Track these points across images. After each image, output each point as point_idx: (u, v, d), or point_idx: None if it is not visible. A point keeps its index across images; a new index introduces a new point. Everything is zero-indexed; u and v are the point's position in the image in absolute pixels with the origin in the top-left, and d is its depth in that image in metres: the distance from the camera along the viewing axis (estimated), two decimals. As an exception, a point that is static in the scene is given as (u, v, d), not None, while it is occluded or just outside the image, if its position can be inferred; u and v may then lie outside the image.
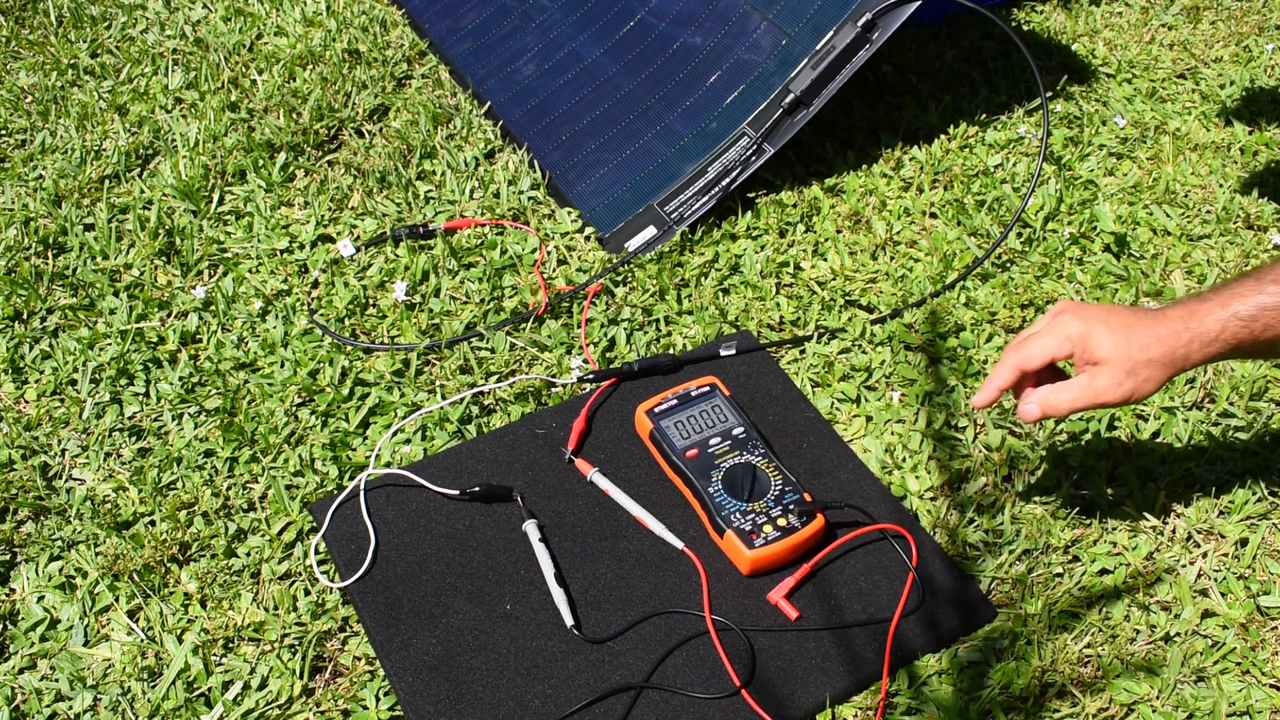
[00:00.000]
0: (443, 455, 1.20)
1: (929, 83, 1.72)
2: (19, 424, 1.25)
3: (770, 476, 1.12)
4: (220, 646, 1.05)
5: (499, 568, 1.09)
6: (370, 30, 1.87)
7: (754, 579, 1.08)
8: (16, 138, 1.69)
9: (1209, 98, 1.72)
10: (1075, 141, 1.63)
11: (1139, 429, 1.22)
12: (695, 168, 1.49)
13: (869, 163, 1.58)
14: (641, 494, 1.15)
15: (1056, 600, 1.07)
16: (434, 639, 1.03)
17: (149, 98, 1.74)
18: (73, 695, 1.01)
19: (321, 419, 1.24)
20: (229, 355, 1.32)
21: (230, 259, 1.45)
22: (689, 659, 1.02)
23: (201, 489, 1.17)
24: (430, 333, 1.35)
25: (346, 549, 1.11)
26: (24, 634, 1.06)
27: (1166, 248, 1.45)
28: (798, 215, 1.49)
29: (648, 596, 1.07)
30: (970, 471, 1.18)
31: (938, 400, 1.26)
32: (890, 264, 1.43)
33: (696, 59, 1.60)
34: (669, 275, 1.41)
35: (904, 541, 1.10)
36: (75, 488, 1.19)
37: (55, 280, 1.43)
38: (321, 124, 1.66)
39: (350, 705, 1.01)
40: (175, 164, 1.60)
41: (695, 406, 1.19)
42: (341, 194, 1.55)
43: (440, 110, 1.68)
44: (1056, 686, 1.01)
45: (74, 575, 1.11)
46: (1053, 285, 1.39)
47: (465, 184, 1.56)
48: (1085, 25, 1.87)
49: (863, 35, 1.44)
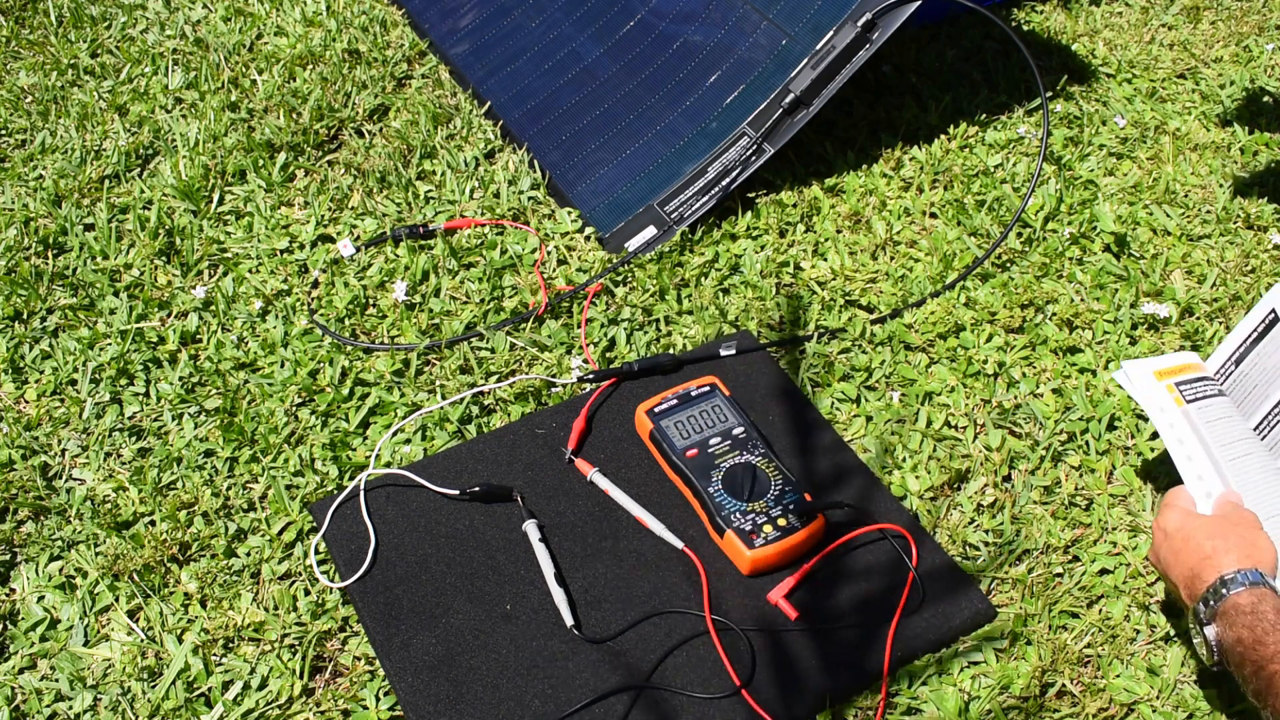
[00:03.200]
0: (443, 455, 1.20)
1: (929, 83, 1.72)
2: (19, 424, 1.25)
3: (770, 476, 1.12)
4: (220, 646, 1.05)
5: (499, 568, 1.09)
6: (370, 30, 1.87)
7: (754, 579, 1.08)
8: (16, 138, 1.69)
9: (1209, 98, 1.72)
10: (1075, 141, 1.63)
11: (1139, 429, 1.22)
12: (695, 168, 1.49)
13: (869, 163, 1.58)
14: (641, 494, 1.15)
15: (1056, 600, 1.07)
16: (434, 639, 1.03)
17: (149, 98, 1.74)
18: (73, 695, 1.01)
19: (321, 419, 1.24)
20: (229, 355, 1.32)
21: (230, 259, 1.45)
22: (689, 659, 1.02)
23: (201, 489, 1.17)
24: (430, 333, 1.35)
25: (346, 549, 1.11)
26: (24, 634, 1.06)
27: (1166, 248, 1.45)
28: (798, 215, 1.49)
29: (648, 596, 1.07)
30: (970, 471, 1.18)
31: (938, 400, 1.26)
32: (890, 264, 1.43)
33: (696, 59, 1.60)
34: (669, 275, 1.41)
35: (904, 541, 1.10)
36: (75, 488, 1.19)
37: (55, 280, 1.43)
38: (321, 124, 1.66)
39: (350, 705, 1.01)
40: (175, 164, 1.60)
41: (695, 406, 1.19)
42: (341, 194, 1.55)
43: (440, 110, 1.68)
44: (1056, 686, 1.01)
45: (74, 575, 1.11)
46: (1053, 285, 1.39)
47: (465, 184, 1.56)
48: (1085, 25, 1.87)
49: (863, 35, 1.44)
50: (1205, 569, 0.94)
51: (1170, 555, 0.97)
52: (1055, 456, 1.20)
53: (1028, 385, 1.27)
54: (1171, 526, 0.99)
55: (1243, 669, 0.88)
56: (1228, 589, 0.91)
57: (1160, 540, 1.00)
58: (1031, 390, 1.27)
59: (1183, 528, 0.98)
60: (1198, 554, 0.95)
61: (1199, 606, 0.93)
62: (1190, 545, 0.96)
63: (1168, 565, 0.98)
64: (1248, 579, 0.91)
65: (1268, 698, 0.85)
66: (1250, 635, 0.88)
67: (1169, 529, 0.99)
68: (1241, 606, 0.90)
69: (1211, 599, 0.92)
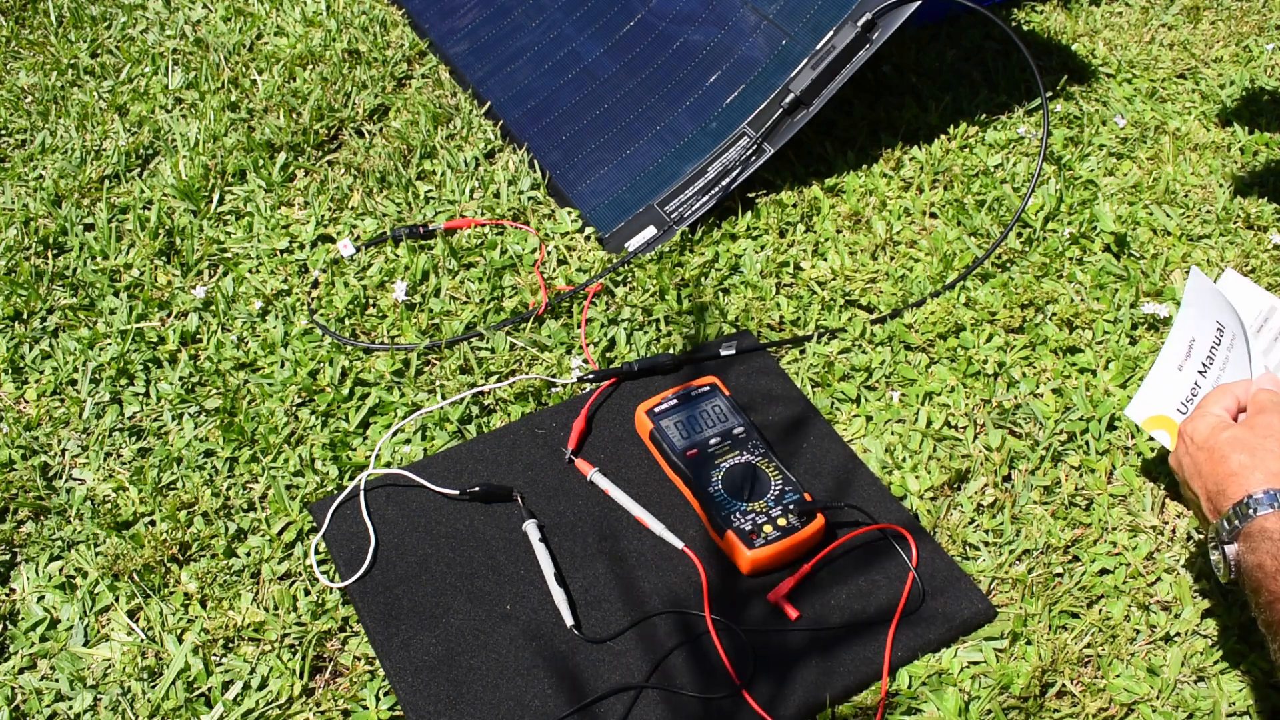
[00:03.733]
0: (443, 455, 1.20)
1: (929, 83, 1.72)
2: (19, 424, 1.25)
3: (770, 476, 1.12)
4: (220, 646, 1.05)
5: (499, 568, 1.09)
6: (370, 30, 1.87)
7: (754, 579, 1.08)
8: (16, 138, 1.69)
9: (1209, 98, 1.72)
10: (1075, 141, 1.63)
11: (1139, 430, 1.22)
12: (695, 168, 1.49)
13: (869, 163, 1.58)
14: (641, 494, 1.15)
15: (1056, 600, 1.07)
16: (434, 639, 1.03)
17: (149, 98, 1.74)
18: (73, 695, 1.01)
19: (321, 419, 1.24)
20: (229, 355, 1.32)
21: (230, 259, 1.45)
22: (689, 659, 1.02)
23: (201, 489, 1.17)
24: (430, 333, 1.35)
25: (346, 549, 1.11)
26: (24, 634, 1.06)
27: (1166, 248, 1.45)
28: (798, 215, 1.49)
29: (648, 596, 1.07)
30: (970, 471, 1.18)
31: (938, 400, 1.26)
32: (890, 264, 1.43)
33: (696, 58, 1.60)
34: (669, 275, 1.41)
35: (904, 541, 1.10)
36: (75, 488, 1.19)
37: (55, 280, 1.43)
38: (321, 124, 1.66)
39: (350, 705, 1.01)
40: (175, 164, 1.60)
41: (695, 406, 1.19)
42: (341, 194, 1.55)
43: (440, 110, 1.68)
44: (1056, 686, 1.01)
45: (74, 575, 1.11)
46: (1053, 285, 1.39)
47: (465, 184, 1.56)
48: (1085, 25, 1.87)
49: (863, 35, 1.44)
50: (1231, 485, 0.90)
51: (1193, 466, 0.94)
52: (1055, 456, 1.20)
53: (1028, 385, 1.27)
54: (1200, 436, 0.94)
55: (1259, 595, 0.85)
56: (1255, 510, 0.87)
57: (1184, 448, 0.95)
58: (1031, 390, 1.27)
59: (1210, 438, 0.93)
60: (1224, 468, 0.91)
61: (1221, 524, 0.89)
62: (1216, 458, 0.92)
63: (1190, 474, 0.94)
64: (1274, 499, 0.88)
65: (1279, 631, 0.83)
66: (1273, 563, 0.85)
67: (1196, 438, 0.94)
68: (1269, 531, 0.86)
69: (1236, 519, 0.88)
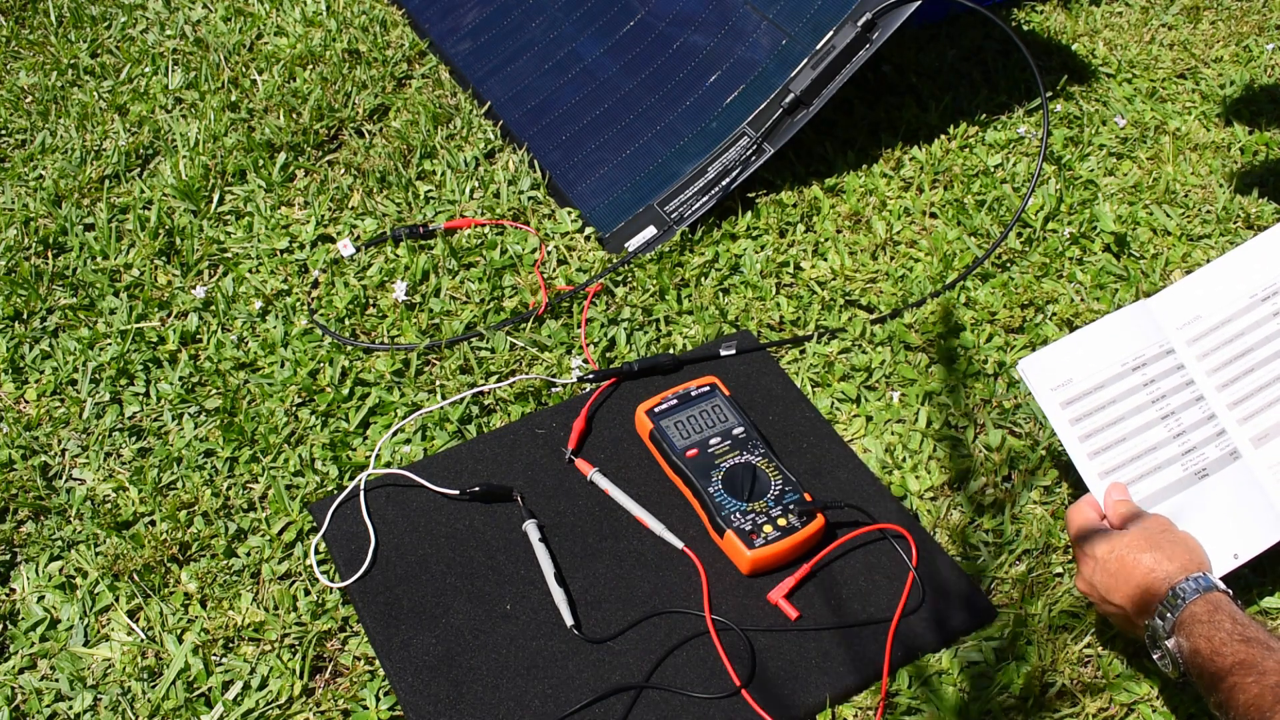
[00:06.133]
0: (443, 455, 1.20)
1: (929, 83, 1.72)
2: (19, 424, 1.25)
3: (770, 476, 1.12)
4: (220, 646, 1.05)
5: (499, 568, 1.09)
6: (370, 30, 1.87)
7: (754, 579, 1.08)
8: (16, 138, 1.69)
9: (1209, 98, 1.72)
10: (1075, 141, 1.63)
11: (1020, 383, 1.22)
12: (695, 167, 1.49)
13: (869, 163, 1.58)
14: (641, 494, 1.15)
15: (1056, 600, 1.07)
16: (434, 639, 1.03)
17: (149, 98, 1.74)
18: (73, 695, 1.01)
19: (321, 419, 1.24)
20: (229, 355, 1.32)
21: (230, 259, 1.45)
22: (689, 659, 1.02)
23: (201, 489, 1.17)
24: (430, 333, 1.35)
25: (346, 549, 1.11)
26: (24, 634, 1.06)
27: (1166, 248, 1.45)
28: (798, 215, 1.49)
29: (648, 596, 1.07)
30: (970, 471, 1.18)
31: (938, 400, 1.26)
32: (890, 264, 1.43)
33: (696, 58, 1.60)
34: (669, 275, 1.41)
35: (904, 541, 1.10)
36: (75, 488, 1.19)
37: (55, 280, 1.43)
38: (321, 124, 1.66)
39: (350, 705, 1.01)
40: (175, 164, 1.60)
41: (695, 406, 1.19)
42: (341, 194, 1.55)
43: (440, 110, 1.68)
44: (1057, 686, 1.01)
45: (74, 575, 1.11)
46: (1053, 285, 1.39)
47: (465, 184, 1.56)
48: (1085, 25, 1.87)
49: (863, 35, 1.44)
50: (1153, 583, 0.92)
51: (1108, 579, 0.95)
52: (1055, 456, 1.20)
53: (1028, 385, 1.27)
54: (1101, 551, 0.97)
55: (1203, 680, 0.87)
56: (1182, 599, 0.90)
57: (1092, 568, 0.97)
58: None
59: (1113, 549, 0.96)
60: (1140, 570, 0.93)
61: (1156, 623, 0.91)
62: (1128, 564, 0.94)
63: (1108, 589, 0.95)
64: (1199, 585, 0.90)
65: (1229, 709, 0.84)
66: (1208, 645, 0.87)
67: (1099, 554, 0.97)
68: (1198, 615, 0.88)
69: (1169, 610, 0.90)
